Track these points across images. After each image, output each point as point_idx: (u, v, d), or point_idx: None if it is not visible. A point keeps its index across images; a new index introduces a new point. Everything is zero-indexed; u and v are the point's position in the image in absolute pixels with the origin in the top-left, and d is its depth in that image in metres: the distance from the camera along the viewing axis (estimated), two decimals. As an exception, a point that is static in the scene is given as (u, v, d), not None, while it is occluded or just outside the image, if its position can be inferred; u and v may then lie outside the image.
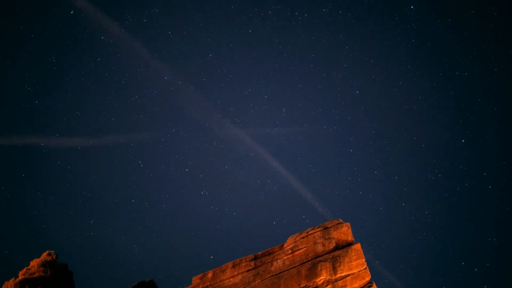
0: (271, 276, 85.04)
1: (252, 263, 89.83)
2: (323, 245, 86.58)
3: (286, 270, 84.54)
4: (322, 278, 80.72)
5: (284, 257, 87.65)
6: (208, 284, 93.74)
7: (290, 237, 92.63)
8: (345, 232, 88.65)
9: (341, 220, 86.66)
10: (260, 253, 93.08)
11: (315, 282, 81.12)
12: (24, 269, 30.12)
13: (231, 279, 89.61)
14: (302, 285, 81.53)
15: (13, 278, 29.02)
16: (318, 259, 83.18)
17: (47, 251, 32.02)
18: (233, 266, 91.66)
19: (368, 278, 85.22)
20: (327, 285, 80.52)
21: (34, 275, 29.22)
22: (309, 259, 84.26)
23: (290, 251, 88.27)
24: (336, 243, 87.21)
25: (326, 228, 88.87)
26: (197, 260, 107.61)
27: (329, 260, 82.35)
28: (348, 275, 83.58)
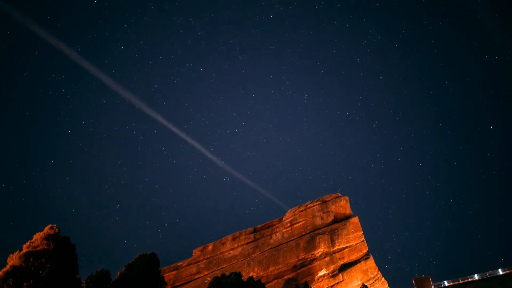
0: (270, 248, 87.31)
1: (252, 236, 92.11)
2: (322, 218, 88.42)
3: (285, 243, 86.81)
4: (320, 250, 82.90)
5: (283, 230, 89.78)
6: (208, 256, 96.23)
7: (289, 211, 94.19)
8: (343, 205, 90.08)
9: (339, 194, 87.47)
10: (259, 226, 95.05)
11: (313, 254, 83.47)
12: (28, 242, 30.50)
13: (231, 252, 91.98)
14: (300, 257, 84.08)
15: (17, 251, 29.46)
16: (316, 232, 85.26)
17: (50, 225, 32.32)
18: (233, 239, 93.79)
19: (365, 250, 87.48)
20: (325, 257, 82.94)
21: (38, 248, 29.62)
22: (308, 232, 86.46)
23: (289, 224, 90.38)
24: (334, 216, 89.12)
25: (324, 201, 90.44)
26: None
27: (327, 233, 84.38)
28: (346, 247, 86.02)
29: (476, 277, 68.87)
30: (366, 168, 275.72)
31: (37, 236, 31.08)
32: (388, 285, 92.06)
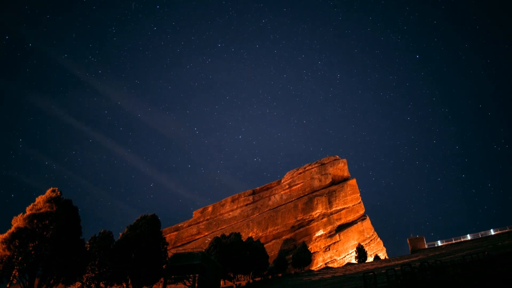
0: (269, 209, 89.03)
1: (251, 198, 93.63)
2: (320, 181, 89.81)
3: (283, 204, 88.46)
4: (318, 211, 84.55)
5: (282, 192, 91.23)
6: (208, 217, 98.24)
7: (287, 173, 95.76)
8: (341, 168, 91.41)
9: (337, 156, 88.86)
10: (258, 188, 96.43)
11: (311, 215, 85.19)
12: (31, 205, 31.03)
13: (230, 213, 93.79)
14: (298, 218, 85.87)
15: (21, 214, 30.03)
16: (314, 193, 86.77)
17: (51, 188, 32.74)
18: (232, 201, 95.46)
19: (362, 212, 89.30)
20: (322, 218, 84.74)
21: (41, 211, 30.18)
22: (306, 193, 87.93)
23: (287, 186, 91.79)
24: (332, 178, 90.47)
25: (323, 164, 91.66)
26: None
27: (325, 195, 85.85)
28: (343, 208, 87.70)
29: (468, 237, 70.76)
30: (400, 150, 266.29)
31: (40, 199, 31.57)
32: (384, 245, 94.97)
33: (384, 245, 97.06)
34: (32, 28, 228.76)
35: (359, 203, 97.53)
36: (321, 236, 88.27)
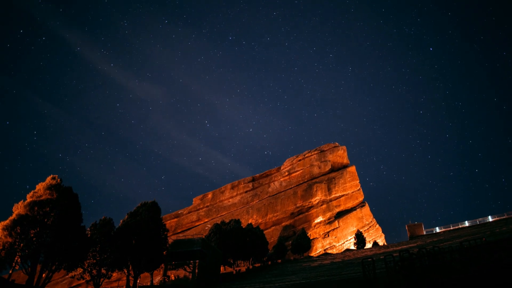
0: (269, 196, 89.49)
1: (250, 185, 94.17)
2: (319, 167, 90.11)
3: (283, 191, 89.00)
4: (317, 198, 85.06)
5: (281, 179, 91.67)
6: (208, 204, 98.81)
7: (287, 160, 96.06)
8: (341, 155, 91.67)
9: (337, 144, 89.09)
10: (258, 175, 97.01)
11: (310, 202, 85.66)
12: (31, 192, 31.12)
13: (230, 200, 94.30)
14: (298, 205, 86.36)
15: (22, 201, 30.15)
16: (314, 180, 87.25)
17: (51, 175, 32.81)
18: (232, 188, 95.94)
19: (361, 199, 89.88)
20: (322, 205, 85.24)
21: (41, 198, 30.29)
22: (305, 180, 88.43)
23: (287, 173, 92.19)
24: (331, 165, 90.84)
25: (322, 151, 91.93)
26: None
27: (324, 182, 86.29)
28: (342, 195, 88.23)
29: (466, 223, 71.23)
30: (412, 144, 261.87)
31: (40, 186, 31.64)
32: (382, 232, 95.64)
33: (382, 232, 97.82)
34: (44, 21, 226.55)
35: (358, 190, 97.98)
36: (320, 222, 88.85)
